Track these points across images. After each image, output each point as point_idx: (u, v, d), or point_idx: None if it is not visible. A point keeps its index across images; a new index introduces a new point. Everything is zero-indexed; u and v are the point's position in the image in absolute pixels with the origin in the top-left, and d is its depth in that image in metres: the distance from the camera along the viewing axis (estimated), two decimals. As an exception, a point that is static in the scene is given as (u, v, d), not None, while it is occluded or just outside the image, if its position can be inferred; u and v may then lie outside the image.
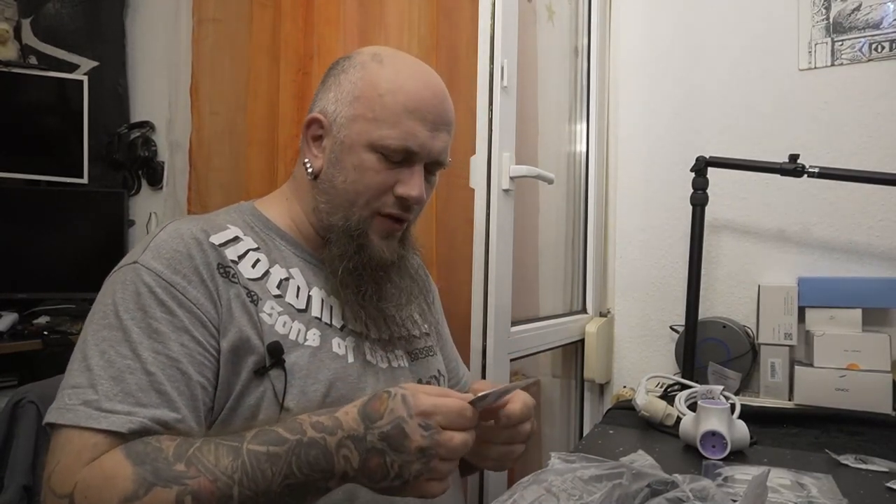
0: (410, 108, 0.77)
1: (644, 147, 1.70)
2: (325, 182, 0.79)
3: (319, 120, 0.79)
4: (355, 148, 0.77)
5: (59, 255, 2.26)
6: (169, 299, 0.66)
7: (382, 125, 0.76)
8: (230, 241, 0.74)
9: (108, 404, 0.61)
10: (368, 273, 0.78)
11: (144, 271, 0.67)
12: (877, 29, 1.45)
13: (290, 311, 0.74)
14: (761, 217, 1.55)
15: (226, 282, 0.70)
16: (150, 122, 2.44)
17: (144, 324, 0.65)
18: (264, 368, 0.69)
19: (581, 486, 0.64)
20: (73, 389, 0.62)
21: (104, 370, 0.62)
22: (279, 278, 0.76)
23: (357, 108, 0.77)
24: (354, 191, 0.77)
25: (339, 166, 0.78)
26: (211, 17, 1.99)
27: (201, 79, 2.00)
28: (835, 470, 0.94)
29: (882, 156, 1.43)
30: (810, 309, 1.38)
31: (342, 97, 0.78)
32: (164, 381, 0.63)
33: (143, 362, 0.63)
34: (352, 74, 0.79)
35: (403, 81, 0.77)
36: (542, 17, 1.60)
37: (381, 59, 0.79)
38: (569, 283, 1.73)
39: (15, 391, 0.89)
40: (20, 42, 2.34)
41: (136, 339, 0.64)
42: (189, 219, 0.75)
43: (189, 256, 0.69)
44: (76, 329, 2.09)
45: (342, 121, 0.78)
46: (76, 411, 0.60)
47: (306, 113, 0.83)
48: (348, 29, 1.58)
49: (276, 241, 0.80)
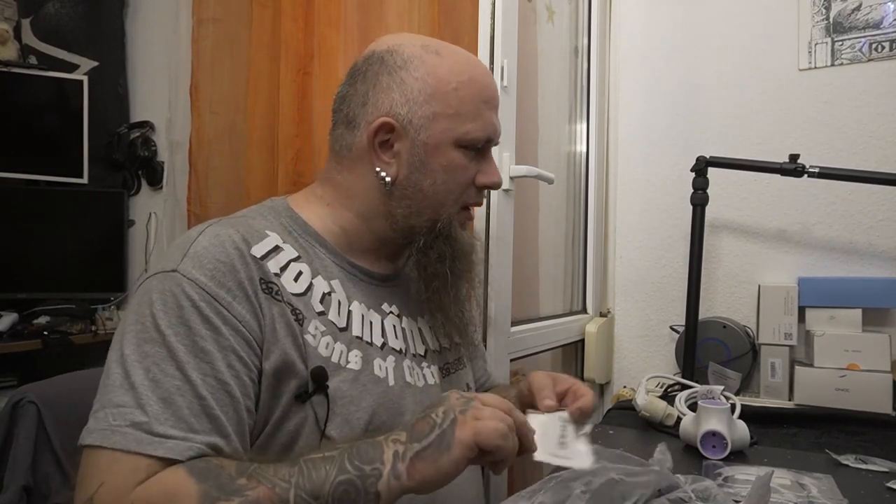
0: (484, 96, 0.76)
1: (644, 147, 1.70)
2: (406, 188, 0.75)
3: (390, 124, 0.74)
4: (441, 147, 0.74)
5: (59, 255, 2.26)
6: (214, 315, 0.62)
7: (465, 120, 0.74)
8: (271, 252, 0.69)
9: (160, 428, 0.57)
10: (454, 264, 0.78)
11: (186, 282, 0.62)
12: (877, 29, 1.45)
13: (332, 331, 0.71)
14: (761, 217, 1.55)
15: (268, 298, 0.66)
16: (150, 122, 2.43)
17: (190, 341, 0.61)
18: (306, 394, 0.66)
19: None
20: (118, 409, 0.58)
21: (151, 390, 0.58)
22: (322, 292, 0.72)
23: (435, 106, 0.73)
24: (445, 191, 0.76)
25: (424, 170, 0.74)
26: (211, 17, 1.99)
27: (201, 79, 2.00)
28: (835, 470, 0.94)
29: (882, 156, 1.43)
30: (810, 309, 1.38)
31: (413, 96, 0.73)
32: (214, 405, 0.60)
33: (192, 384, 0.59)
34: (414, 71, 0.74)
35: (470, 71, 0.76)
36: (542, 17, 1.60)
37: (435, 50, 0.76)
38: (569, 283, 1.73)
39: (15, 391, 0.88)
40: (20, 42, 2.33)
41: (182, 359, 0.60)
42: (228, 223, 0.70)
43: (233, 269, 0.64)
44: (76, 329, 2.09)
45: (420, 122, 0.73)
46: (124, 434, 0.56)
47: (307, 113, 0.82)
48: (348, 29, 1.58)
49: (315, 248, 0.75)
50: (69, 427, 0.63)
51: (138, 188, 2.45)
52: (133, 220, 2.43)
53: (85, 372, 0.94)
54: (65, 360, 1.91)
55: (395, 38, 0.79)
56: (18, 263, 2.22)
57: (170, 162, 2.28)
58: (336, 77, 1.66)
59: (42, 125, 2.29)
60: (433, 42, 0.77)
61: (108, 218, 2.33)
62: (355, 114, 0.76)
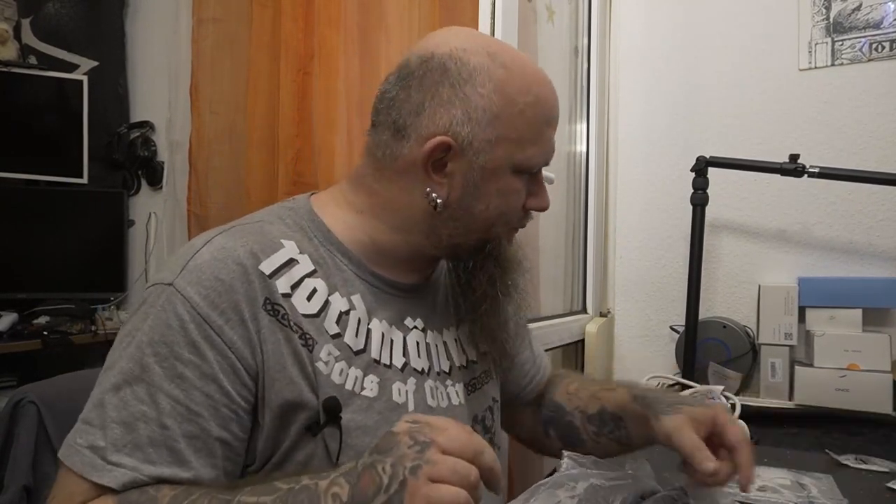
0: (547, 118, 0.71)
1: (644, 147, 1.70)
2: (456, 210, 0.69)
3: (449, 144, 0.66)
4: (499, 173, 0.68)
5: (59, 255, 2.26)
6: (201, 339, 0.59)
7: (527, 144, 0.69)
8: (283, 267, 0.64)
9: (114, 457, 0.56)
10: (503, 284, 0.75)
11: (179, 299, 0.60)
12: (877, 29, 1.45)
13: (347, 356, 0.66)
14: (761, 217, 1.55)
15: (273, 322, 0.62)
16: (150, 122, 2.44)
17: (168, 364, 0.58)
18: (317, 426, 0.62)
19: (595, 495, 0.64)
20: (86, 426, 0.58)
21: (117, 411, 0.57)
22: (339, 311, 0.67)
23: (499, 129, 0.67)
24: (497, 215, 0.71)
25: (478, 194, 0.69)
26: (211, 17, 1.99)
27: (201, 79, 2.01)
28: (835, 470, 0.94)
29: (882, 156, 1.43)
30: (810, 309, 1.38)
31: (477, 115, 0.66)
32: (178, 436, 0.57)
33: (159, 411, 0.57)
34: (480, 86, 0.66)
35: (537, 89, 0.70)
36: (542, 17, 1.60)
37: (502, 61, 0.68)
38: (569, 283, 1.73)
39: (15, 391, 0.88)
40: (20, 42, 2.33)
41: (156, 383, 0.58)
42: (239, 232, 0.65)
43: (231, 289, 0.60)
44: (76, 329, 2.10)
45: (480, 144, 0.67)
46: (82, 455, 0.57)
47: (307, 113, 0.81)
48: (349, 29, 1.59)
49: (336, 258, 0.70)
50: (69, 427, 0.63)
51: (138, 188, 2.45)
52: (133, 220, 2.43)
53: (85, 372, 0.94)
54: (65, 360, 1.92)
55: (458, 38, 0.69)
56: (18, 263, 2.22)
57: (170, 162, 2.28)
58: (336, 77, 1.66)
59: (42, 125, 2.29)
60: (499, 48, 0.70)
61: (107, 218, 2.33)
62: (406, 122, 0.68)
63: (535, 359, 0.94)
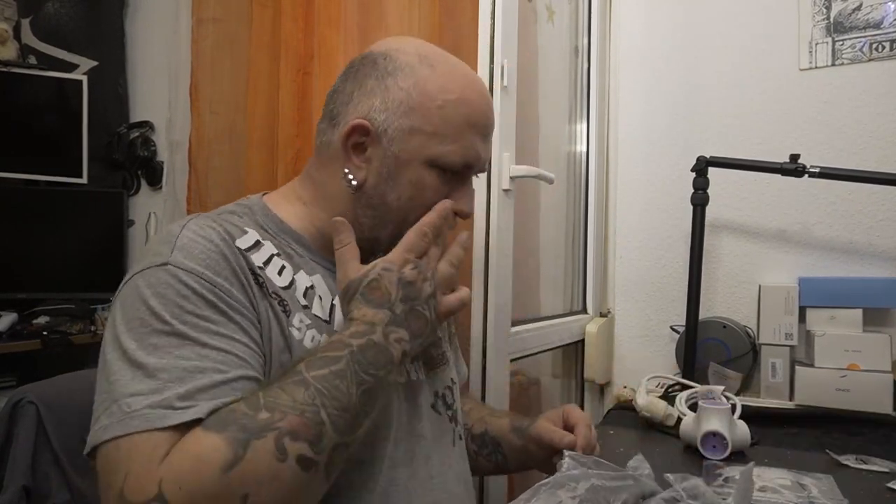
0: (471, 120, 0.73)
1: (644, 147, 1.70)
2: (372, 196, 0.74)
3: (365, 127, 0.72)
4: (412, 164, 0.72)
5: (59, 255, 2.26)
6: (218, 301, 0.62)
7: (444, 140, 0.72)
8: (253, 247, 0.69)
9: (182, 402, 0.55)
10: None
11: (182, 272, 0.62)
12: (877, 29, 1.45)
13: (317, 324, 0.71)
14: (761, 217, 1.55)
15: (259, 289, 0.67)
16: (150, 122, 2.44)
17: (203, 327, 0.60)
18: None
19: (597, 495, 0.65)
20: (133, 398, 0.55)
21: (168, 373, 0.57)
22: (305, 286, 0.72)
23: (413, 120, 0.71)
24: (409, 207, 0.73)
25: (391, 182, 0.73)
26: (211, 17, 1.99)
27: (201, 79, 2.00)
28: (835, 470, 0.94)
29: (882, 156, 1.43)
30: (811, 309, 1.38)
31: (392, 106, 0.71)
32: (235, 380, 0.60)
33: (213, 360, 0.59)
34: (401, 79, 0.72)
35: (461, 90, 0.73)
36: (542, 17, 1.60)
37: (430, 62, 0.73)
38: (569, 283, 1.73)
39: (15, 391, 0.88)
40: (20, 42, 2.33)
41: (199, 341, 0.59)
42: (208, 217, 0.70)
43: (224, 257, 0.65)
44: (76, 329, 2.09)
45: (395, 133, 0.71)
46: (144, 416, 0.54)
47: (307, 113, 0.82)
48: (348, 29, 1.58)
49: (293, 246, 0.75)
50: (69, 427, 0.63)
51: (138, 188, 2.45)
52: (133, 220, 2.43)
53: (85, 372, 0.94)
54: (65, 360, 1.92)
55: (397, 42, 0.76)
56: (18, 263, 2.22)
57: (169, 162, 2.28)
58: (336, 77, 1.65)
59: (42, 125, 2.29)
60: (434, 53, 0.75)
61: (107, 218, 2.33)
62: (338, 111, 0.75)
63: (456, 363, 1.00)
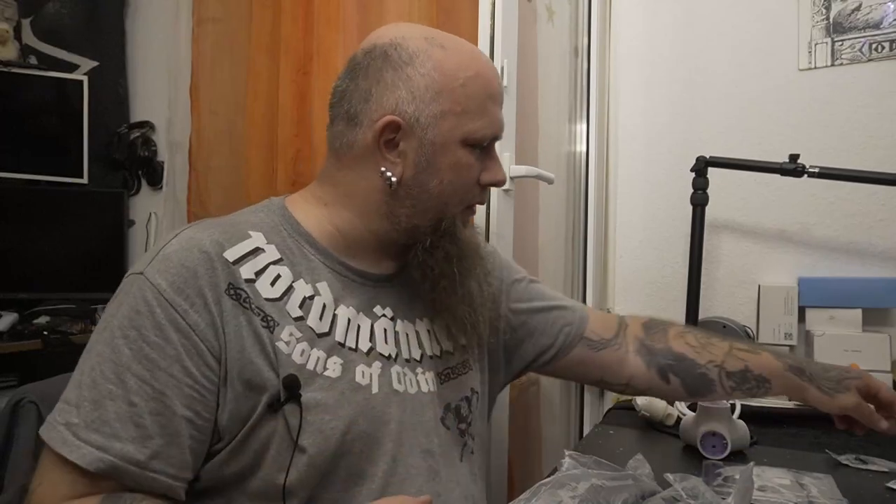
0: (489, 91, 0.74)
1: (644, 147, 1.70)
2: (411, 188, 0.73)
3: (397, 123, 0.71)
4: (448, 146, 0.72)
5: (59, 255, 2.26)
6: (166, 322, 0.63)
7: (473, 117, 0.72)
8: (248, 255, 0.69)
9: (84, 433, 0.60)
10: (461, 262, 0.77)
11: (148, 286, 0.64)
12: (877, 29, 1.45)
13: (309, 337, 0.69)
14: (761, 217, 1.55)
15: (235, 306, 0.66)
16: (150, 122, 2.43)
17: (137, 346, 0.62)
18: (278, 403, 0.65)
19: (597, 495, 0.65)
20: (64, 405, 0.63)
21: (89, 390, 0.62)
22: (302, 296, 0.70)
23: (442, 104, 0.71)
24: (451, 191, 0.74)
25: (431, 170, 0.72)
26: (211, 17, 1.99)
27: (201, 79, 2.01)
28: (835, 470, 0.94)
29: (882, 156, 1.43)
30: (810, 309, 1.38)
31: (419, 93, 0.71)
32: (144, 413, 0.61)
33: (126, 390, 0.61)
34: (419, 66, 0.71)
35: (476, 65, 0.74)
36: (542, 17, 1.60)
37: (438, 42, 0.73)
38: (569, 282, 1.73)
39: (15, 391, 0.89)
40: (20, 42, 2.33)
41: (124, 363, 0.62)
42: (208, 224, 0.70)
43: (195, 275, 0.64)
44: (76, 329, 2.09)
45: (428, 120, 0.71)
46: (59, 432, 0.61)
47: (307, 113, 0.82)
48: (348, 29, 1.59)
49: (304, 248, 0.74)
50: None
51: (138, 188, 2.45)
52: (133, 220, 2.43)
53: (85, 372, 0.94)
54: (65, 360, 1.91)
55: (397, 29, 0.75)
56: (19, 263, 2.22)
57: (170, 162, 2.28)
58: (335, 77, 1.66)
59: (42, 125, 2.29)
60: (436, 34, 0.75)
61: (108, 218, 2.33)
62: (357, 110, 0.73)
63: (569, 315, 0.95)
